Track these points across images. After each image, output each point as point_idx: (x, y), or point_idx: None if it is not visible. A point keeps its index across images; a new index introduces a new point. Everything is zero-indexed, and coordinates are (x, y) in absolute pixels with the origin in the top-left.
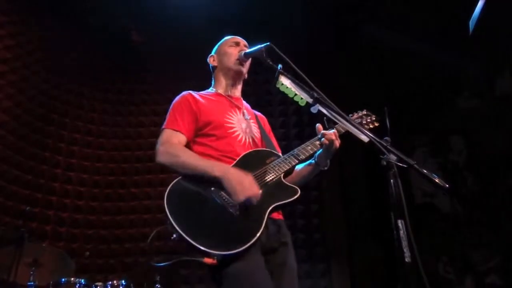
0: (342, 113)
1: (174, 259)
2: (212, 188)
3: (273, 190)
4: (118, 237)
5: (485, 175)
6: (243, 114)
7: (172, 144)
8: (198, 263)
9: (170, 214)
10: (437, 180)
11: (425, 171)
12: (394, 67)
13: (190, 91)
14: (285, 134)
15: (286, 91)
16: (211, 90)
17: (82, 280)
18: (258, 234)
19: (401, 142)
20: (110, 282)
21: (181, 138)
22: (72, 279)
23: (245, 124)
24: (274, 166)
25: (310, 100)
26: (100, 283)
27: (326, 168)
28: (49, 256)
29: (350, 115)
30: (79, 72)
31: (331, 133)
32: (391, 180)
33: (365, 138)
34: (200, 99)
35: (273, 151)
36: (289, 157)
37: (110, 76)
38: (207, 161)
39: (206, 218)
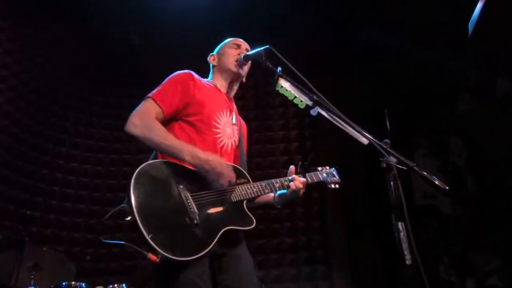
0: (342, 115)
1: (122, 242)
2: (181, 186)
3: (232, 211)
4: (118, 240)
5: (485, 176)
6: (232, 118)
7: (150, 118)
8: (141, 255)
9: (133, 194)
10: (437, 182)
11: (424, 173)
12: (394, 68)
13: (193, 73)
14: (285, 136)
15: (286, 94)
16: (210, 81)
17: (83, 284)
18: (205, 251)
19: (401, 144)
20: (111, 286)
21: (160, 114)
22: (73, 283)
23: (229, 129)
24: (242, 190)
25: (310, 103)
26: (101, 287)
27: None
28: (49, 260)
29: (319, 168)
30: (79, 76)
31: (302, 181)
32: (391, 182)
33: (364, 141)
34: (200, 84)
35: (245, 173)
36: (257, 186)
37: (110, 79)
38: (179, 143)
39: (165, 214)
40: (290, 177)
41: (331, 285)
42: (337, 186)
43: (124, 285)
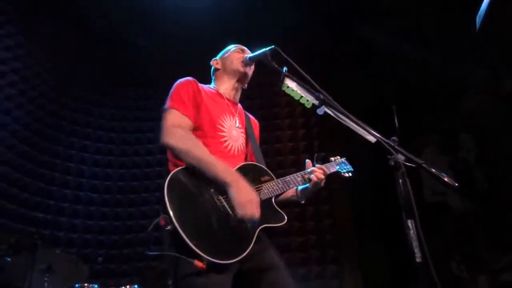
0: (348, 114)
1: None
2: (212, 190)
3: (264, 210)
4: (130, 241)
5: (495, 172)
6: (235, 122)
7: (183, 128)
8: (188, 262)
9: (168, 203)
10: (446, 179)
11: (433, 170)
12: (401, 66)
13: (195, 80)
14: (292, 136)
15: (292, 94)
16: (212, 86)
17: (96, 286)
18: (247, 251)
19: (409, 142)
20: (123, 287)
21: (190, 125)
22: (86, 284)
23: (235, 132)
24: (268, 187)
25: (316, 102)
26: None
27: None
28: (62, 262)
29: (332, 159)
30: (86, 80)
31: (322, 172)
32: (400, 180)
33: (372, 139)
34: (202, 91)
35: (268, 170)
36: (281, 182)
37: (116, 82)
38: (220, 163)
39: (203, 220)
40: (309, 170)
41: (341, 284)
42: (350, 174)
43: (135, 286)
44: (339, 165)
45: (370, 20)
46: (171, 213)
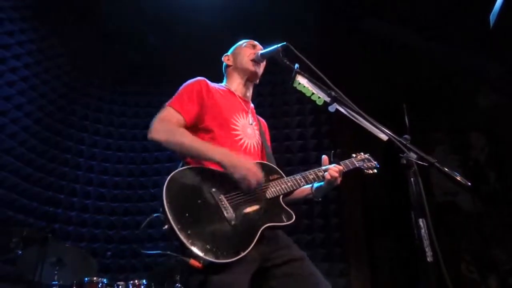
0: (360, 112)
1: (162, 250)
2: (213, 189)
3: (270, 208)
4: (139, 237)
5: (507, 172)
6: (249, 120)
7: (171, 123)
8: (182, 262)
9: (166, 203)
10: (458, 178)
11: (446, 169)
12: (413, 64)
13: (206, 79)
14: (301, 133)
15: (304, 90)
16: (223, 85)
17: (105, 280)
18: (248, 250)
19: (420, 140)
20: (131, 282)
21: (181, 121)
22: (95, 278)
23: (250, 130)
24: (276, 185)
25: (328, 99)
26: (121, 283)
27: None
28: (72, 256)
29: (353, 155)
30: (97, 76)
31: (336, 170)
32: (411, 179)
33: (384, 137)
34: (213, 91)
35: (277, 168)
36: (291, 180)
37: (128, 79)
38: (207, 144)
39: (201, 219)
40: (324, 167)
41: (349, 283)
42: (375, 171)
43: (144, 281)
44: (361, 161)
45: (381, 16)
46: (168, 212)
